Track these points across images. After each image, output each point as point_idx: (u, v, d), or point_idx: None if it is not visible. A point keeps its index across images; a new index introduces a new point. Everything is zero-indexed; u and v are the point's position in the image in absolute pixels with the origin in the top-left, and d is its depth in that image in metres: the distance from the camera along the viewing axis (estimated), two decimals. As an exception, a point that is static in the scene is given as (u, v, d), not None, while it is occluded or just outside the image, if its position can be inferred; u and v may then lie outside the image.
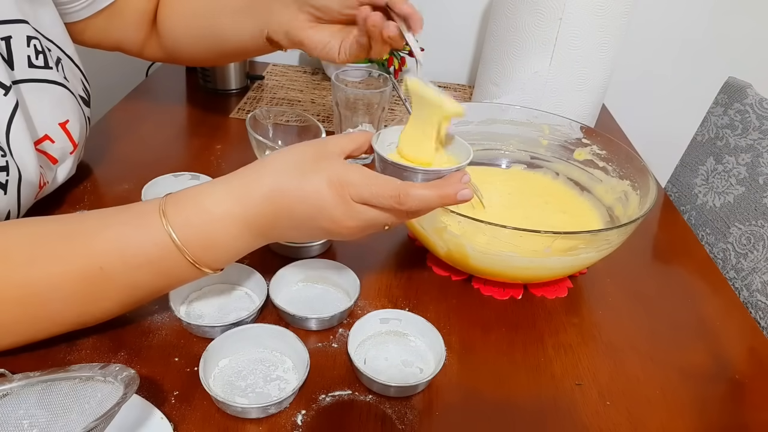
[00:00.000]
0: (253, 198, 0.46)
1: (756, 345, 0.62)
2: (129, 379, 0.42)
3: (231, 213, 0.46)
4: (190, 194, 0.48)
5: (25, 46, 0.59)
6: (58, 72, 0.64)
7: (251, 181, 0.47)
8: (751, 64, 1.23)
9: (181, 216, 0.46)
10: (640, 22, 1.17)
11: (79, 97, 0.68)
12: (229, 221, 0.47)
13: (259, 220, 0.47)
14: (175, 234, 0.46)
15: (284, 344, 0.52)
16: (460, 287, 0.65)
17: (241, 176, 0.48)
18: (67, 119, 0.65)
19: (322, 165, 0.46)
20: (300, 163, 0.47)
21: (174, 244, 0.46)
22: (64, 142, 0.65)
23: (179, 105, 1.02)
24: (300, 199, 0.46)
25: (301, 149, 0.48)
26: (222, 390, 0.49)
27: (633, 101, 1.27)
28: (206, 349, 0.50)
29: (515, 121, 0.79)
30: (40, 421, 0.42)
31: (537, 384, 0.54)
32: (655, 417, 0.52)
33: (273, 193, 0.46)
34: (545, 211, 0.74)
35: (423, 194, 0.45)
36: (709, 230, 0.89)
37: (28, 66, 0.59)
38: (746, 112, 0.87)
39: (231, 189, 0.47)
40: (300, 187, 0.46)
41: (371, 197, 0.45)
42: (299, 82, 1.14)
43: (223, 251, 0.48)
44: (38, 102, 0.61)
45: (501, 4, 0.95)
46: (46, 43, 0.63)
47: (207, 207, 0.47)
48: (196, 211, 0.47)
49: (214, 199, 0.47)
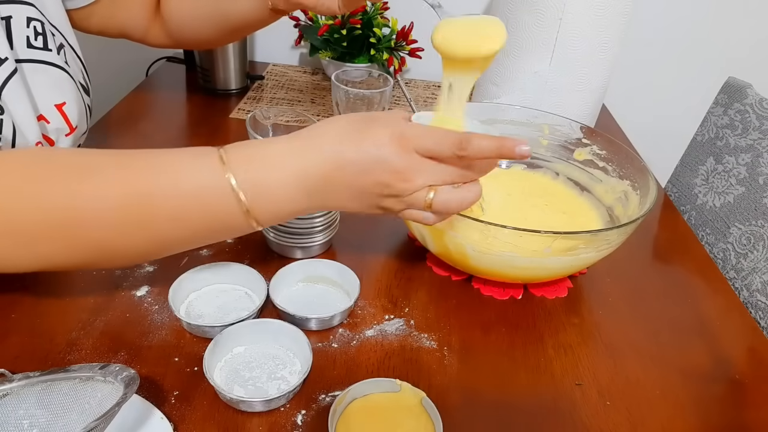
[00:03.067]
0: (313, 154, 0.46)
1: (756, 345, 0.62)
2: (129, 379, 0.42)
3: (290, 166, 0.46)
4: (252, 144, 0.47)
5: (25, 27, 0.59)
6: (58, 55, 0.64)
7: (313, 140, 0.47)
8: (751, 64, 1.23)
9: (241, 160, 0.46)
10: (640, 22, 1.17)
11: (79, 83, 0.68)
12: (288, 175, 0.46)
13: (317, 179, 0.46)
14: (233, 176, 0.45)
15: (296, 345, 0.53)
16: (460, 287, 0.65)
17: (304, 136, 0.48)
18: (64, 101, 0.64)
19: (383, 122, 0.46)
20: (361, 122, 0.47)
21: (230, 186, 0.45)
22: (60, 124, 0.64)
23: (179, 105, 1.02)
24: (360, 151, 0.45)
25: (364, 113, 0.49)
26: (226, 375, 0.50)
27: (633, 101, 1.27)
28: (221, 332, 0.51)
29: (515, 121, 0.79)
30: (40, 421, 0.42)
31: (537, 384, 0.54)
32: (655, 417, 0.52)
33: (334, 154, 0.46)
34: (545, 212, 0.74)
35: (484, 143, 0.45)
36: (709, 230, 0.89)
37: (26, 46, 0.60)
38: (746, 112, 0.87)
39: (293, 146, 0.47)
40: (361, 141, 0.45)
41: (434, 145, 0.45)
42: (299, 82, 1.14)
43: (276, 206, 0.47)
44: (35, 82, 0.61)
45: (501, 4, 0.95)
46: (49, 27, 0.63)
47: (268, 157, 0.46)
48: (255, 158, 0.46)
49: (276, 151, 0.46)
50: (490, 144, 0.45)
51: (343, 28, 1.07)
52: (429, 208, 0.48)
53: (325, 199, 0.48)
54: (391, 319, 0.59)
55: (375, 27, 1.09)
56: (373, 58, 1.11)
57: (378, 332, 0.58)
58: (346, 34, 1.07)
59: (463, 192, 0.48)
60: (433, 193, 0.47)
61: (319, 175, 0.46)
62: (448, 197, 0.48)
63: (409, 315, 0.60)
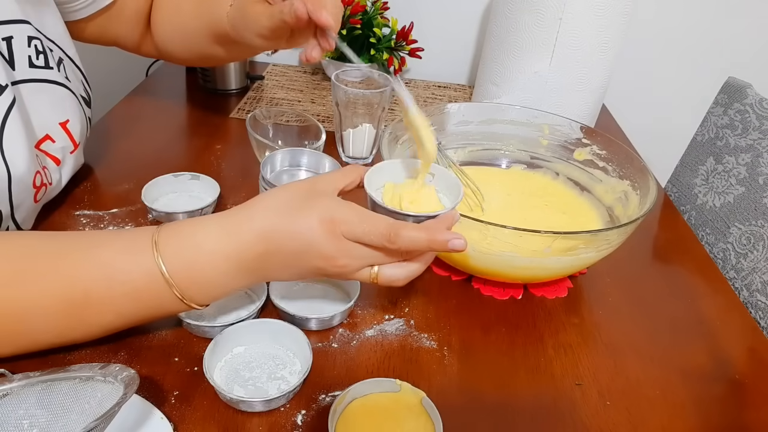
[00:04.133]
0: (243, 235, 0.46)
1: (756, 345, 0.62)
2: (129, 379, 0.42)
3: (221, 249, 0.46)
4: (184, 227, 0.48)
5: (26, 47, 0.59)
6: (59, 72, 0.64)
7: (243, 219, 0.47)
8: (751, 64, 1.23)
9: (172, 248, 0.46)
10: (640, 23, 1.17)
11: (81, 97, 0.68)
12: (219, 257, 0.46)
13: (249, 257, 0.46)
14: (164, 265, 0.45)
15: (296, 345, 0.53)
16: (460, 287, 0.65)
17: (234, 214, 0.48)
18: (68, 119, 0.65)
19: (314, 202, 0.46)
20: (292, 201, 0.47)
21: (162, 276, 0.45)
22: (65, 142, 0.65)
23: (179, 105, 1.02)
24: (291, 236, 0.45)
25: (294, 187, 0.48)
26: (226, 375, 0.50)
27: (633, 101, 1.27)
28: (221, 332, 0.51)
29: (515, 121, 0.79)
30: (40, 421, 0.42)
31: (537, 384, 0.54)
32: (655, 417, 0.52)
33: (264, 232, 0.46)
34: (545, 212, 0.74)
35: (414, 236, 0.45)
36: (709, 230, 0.89)
37: (29, 66, 0.60)
38: (746, 112, 0.87)
39: (223, 225, 0.47)
40: (291, 224, 0.45)
41: (363, 235, 0.45)
42: (299, 82, 1.14)
43: (211, 287, 0.48)
44: (39, 102, 0.61)
45: (501, 4, 0.95)
46: (47, 43, 0.63)
47: (198, 241, 0.46)
48: (187, 245, 0.46)
49: (206, 234, 0.47)
50: (420, 237, 0.44)
51: (343, 28, 1.07)
52: (377, 282, 0.48)
53: (267, 275, 0.49)
54: (391, 319, 0.59)
55: (375, 27, 1.09)
56: (373, 58, 1.11)
57: (378, 332, 0.58)
58: (346, 34, 1.07)
59: (409, 266, 0.48)
60: (377, 269, 0.47)
61: (253, 256, 0.46)
62: (393, 272, 0.48)
63: (409, 315, 0.60)
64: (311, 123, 0.81)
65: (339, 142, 0.86)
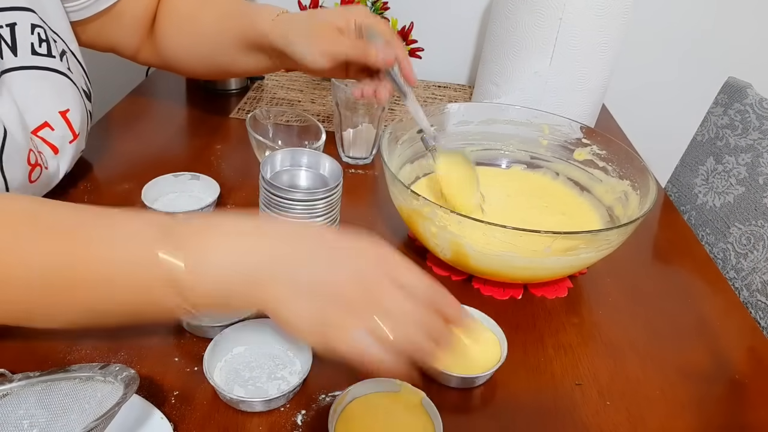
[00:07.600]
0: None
1: (756, 345, 0.62)
2: (129, 379, 0.42)
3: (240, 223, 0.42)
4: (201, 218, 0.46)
5: (29, 34, 0.60)
6: (61, 62, 0.64)
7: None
8: (751, 64, 1.23)
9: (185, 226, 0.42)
10: (641, 23, 1.17)
11: (81, 89, 0.68)
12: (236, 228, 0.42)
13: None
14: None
15: (296, 345, 0.53)
16: (460, 287, 0.65)
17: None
18: (68, 108, 0.65)
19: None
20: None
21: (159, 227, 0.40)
22: (64, 131, 0.65)
23: (179, 105, 1.02)
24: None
25: None
26: (226, 375, 0.50)
27: (633, 101, 1.27)
28: (221, 332, 0.51)
29: (515, 121, 0.79)
30: (40, 421, 0.42)
31: (537, 384, 0.54)
32: (655, 417, 0.52)
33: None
34: (545, 212, 0.74)
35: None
36: (709, 230, 0.89)
37: (31, 53, 0.60)
38: (746, 112, 0.87)
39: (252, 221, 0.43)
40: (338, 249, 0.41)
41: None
42: (299, 82, 1.14)
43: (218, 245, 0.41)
44: (39, 89, 0.61)
45: (501, 4, 0.95)
46: (51, 34, 0.63)
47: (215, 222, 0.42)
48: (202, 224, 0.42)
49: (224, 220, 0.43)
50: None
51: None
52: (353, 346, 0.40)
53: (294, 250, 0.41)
54: (391, 319, 0.59)
55: (375, 27, 1.09)
56: (373, 58, 1.11)
57: (378, 332, 0.58)
58: (346, 34, 1.07)
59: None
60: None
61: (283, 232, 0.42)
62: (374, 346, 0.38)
63: (409, 315, 0.60)
64: (311, 123, 0.81)
65: (339, 142, 0.86)
